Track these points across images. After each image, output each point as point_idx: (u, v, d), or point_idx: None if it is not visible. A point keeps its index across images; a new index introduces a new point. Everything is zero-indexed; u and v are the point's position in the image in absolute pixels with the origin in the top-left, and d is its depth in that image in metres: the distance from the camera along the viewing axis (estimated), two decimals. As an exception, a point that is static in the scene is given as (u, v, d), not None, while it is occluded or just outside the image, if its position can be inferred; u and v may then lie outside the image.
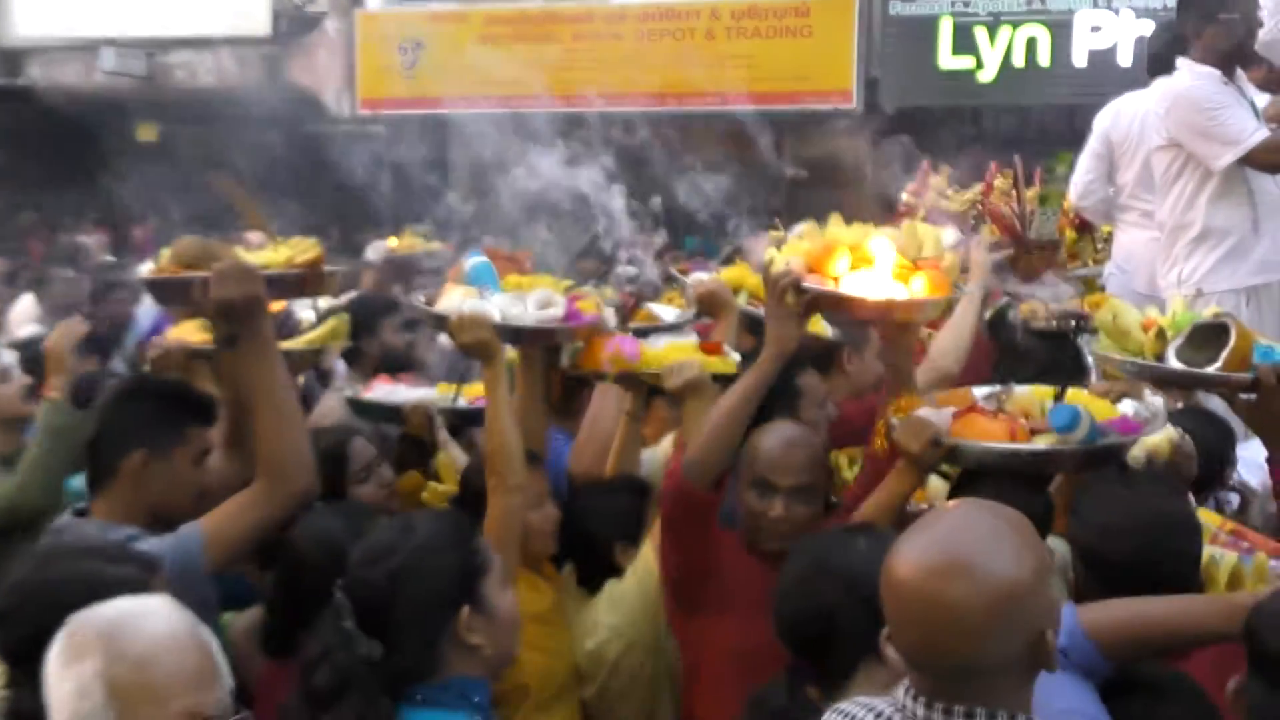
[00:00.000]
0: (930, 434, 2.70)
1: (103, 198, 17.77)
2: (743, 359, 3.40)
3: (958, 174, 5.16)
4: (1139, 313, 2.83)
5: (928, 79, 14.48)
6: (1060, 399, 2.93)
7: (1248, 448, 3.20)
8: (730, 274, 4.24)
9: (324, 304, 4.24)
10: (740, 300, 4.08)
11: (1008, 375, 3.23)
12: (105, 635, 1.65)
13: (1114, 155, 4.90)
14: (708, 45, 14.93)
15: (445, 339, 4.78)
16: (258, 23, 16.74)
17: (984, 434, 2.71)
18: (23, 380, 3.95)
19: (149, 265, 3.07)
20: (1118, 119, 4.90)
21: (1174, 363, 2.64)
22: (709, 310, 3.93)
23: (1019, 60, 14.05)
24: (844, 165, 16.49)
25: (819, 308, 2.88)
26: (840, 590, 2.18)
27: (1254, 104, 4.26)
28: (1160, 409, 2.85)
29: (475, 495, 3.03)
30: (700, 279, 4.25)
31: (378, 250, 6.71)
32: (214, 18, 16.74)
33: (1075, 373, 3.69)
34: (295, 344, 3.51)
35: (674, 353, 3.19)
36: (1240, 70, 4.29)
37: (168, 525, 2.58)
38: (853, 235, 2.87)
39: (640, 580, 2.94)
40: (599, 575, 3.09)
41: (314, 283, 3.09)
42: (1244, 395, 2.53)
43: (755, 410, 2.82)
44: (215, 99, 17.28)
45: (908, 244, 2.89)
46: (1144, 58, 5.07)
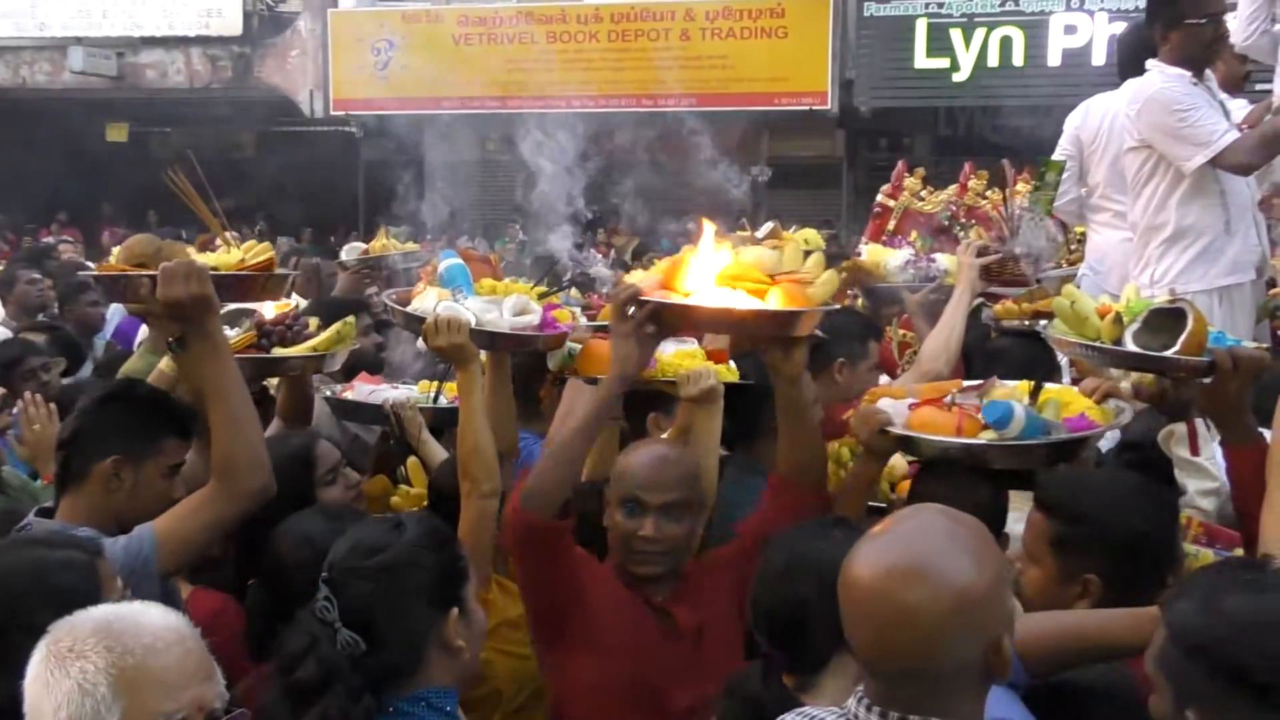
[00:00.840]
0: (876, 422, 2.73)
1: (72, 199, 17.63)
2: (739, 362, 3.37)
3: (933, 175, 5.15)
4: (1095, 300, 2.83)
5: (903, 79, 14.55)
6: (1036, 395, 2.94)
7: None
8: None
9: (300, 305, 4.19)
10: None
11: (983, 374, 3.21)
12: (103, 633, 1.61)
13: (1084, 156, 4.90)
14: (683, 46, 14.94)
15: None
16: (229, 22, 16.64)
17: (929, 426, 2.73)
18: None
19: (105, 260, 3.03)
20: (1087, 119, 4.89)
21: (1131, 347, 2.64)
22: None
23: (993, 60, 14.13)
24: (819, 165, 16.60)
25: (661, 322, 2.71)
26: (815, 582, 2.14)
27: (1224, 105, 4.27)
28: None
29: (445, 499, 2.99)
30: None
31: (353, 251, 6.66)
32: (184, 17, 16.63)
33: (1050, 371, 3.68)
34: (301, 349, 3.44)
35: (685, 360, 3.14)
36: (1209, 71, 4.30)
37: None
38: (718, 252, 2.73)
39: None
40: None
41: (266, 286, 3.05)
42: (1199, 379, 2.53)
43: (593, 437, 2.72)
44: (186, 99, 17.20)
45: (767, 260, 2.73)
46: (1116, 59, 5.07)
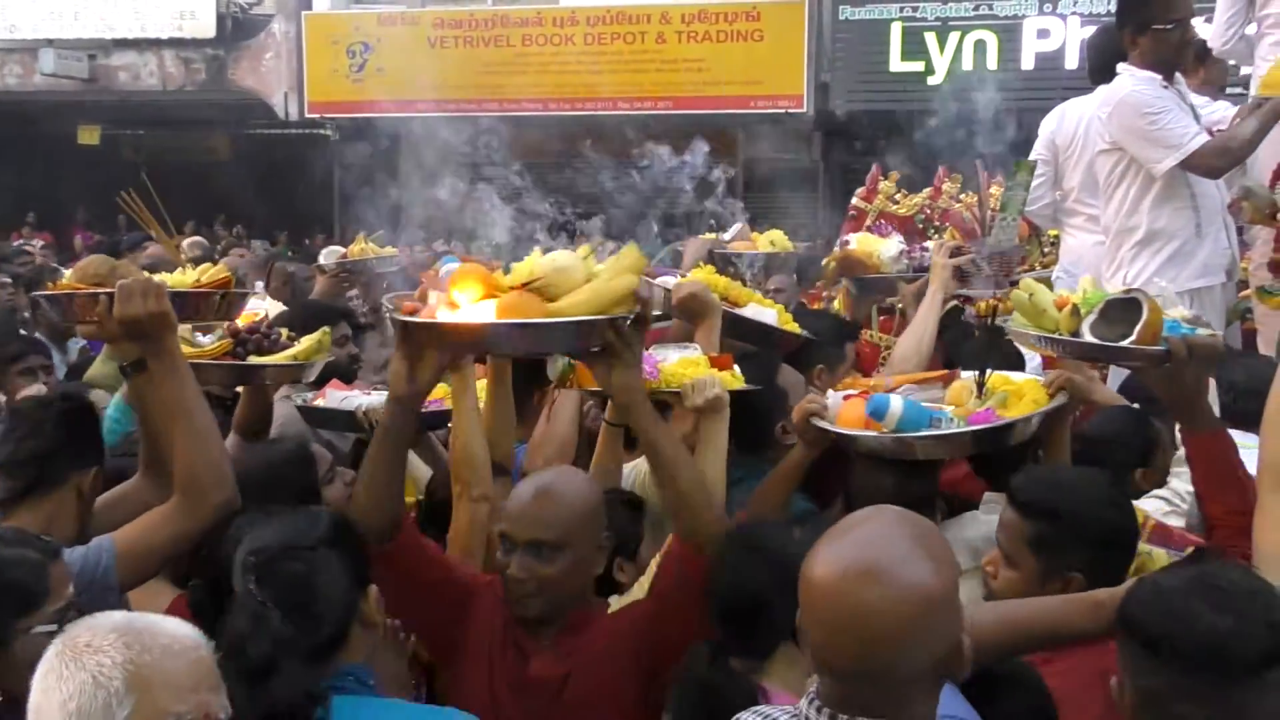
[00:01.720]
0: (807, 410, 2.87)
1: (42, 202, 17.47)
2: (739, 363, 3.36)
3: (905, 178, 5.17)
4: (1053, 292, 2.86)
5: (878, 82, 14.60)
6: (981, 386, 2.98)
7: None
8: (696, 275, 4.15)
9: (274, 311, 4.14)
10: None
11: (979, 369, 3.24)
12: (122, 631, 1.62)
13: (1059, 160, 4.93)
14: (658, 49, 14.94)
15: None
16: (202, 24, 16.52)
17: (844, 419, 2.84)
18: None
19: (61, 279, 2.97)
20: (1062, 123, 4.92)
21: (1089, 338, 2.66)
22: (691, 314, 3.83)
23: (968, 64, 14.20)
24: (794, 168, 16.63)
25: (415, 339, 2.59)
26: (768, 576, 2.26)
27: (1194, 108, 4.31)
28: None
29: (441, 505, 2.95)
30: (667, 282, 4.17)
31: (332, 255, 6.62)
32: (157, 19, 16.50)
33: (1017, 363, 3.70)
34: (279, 359, 3.40)
35: (689, 369, 3.06)
36: (1180, 75, 4.33)
37: None
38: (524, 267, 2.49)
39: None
40: (599, 594, 3.02)
41: (224, 304, 3.00)
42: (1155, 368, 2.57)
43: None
44: (159, 101, 17.08)
45: (560, 269, 2.45)
46: (1088, 62, 5.11)
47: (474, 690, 2.48)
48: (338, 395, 3.85)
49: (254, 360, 3.28)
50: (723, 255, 4.99)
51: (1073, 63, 13.54)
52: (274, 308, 4.37)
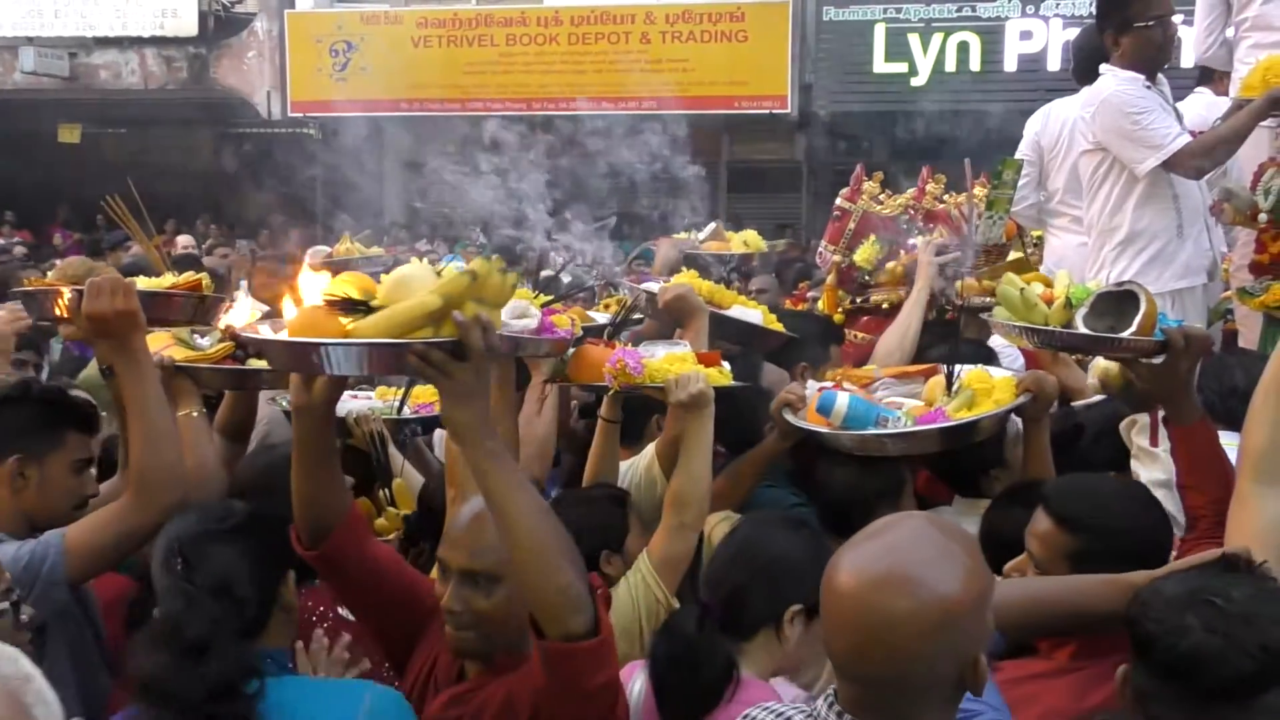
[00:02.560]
0: (784, 400, 2.99)
1: (22, 201, 17.35)
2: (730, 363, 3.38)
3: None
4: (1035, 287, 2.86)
5: (861, 84, 14.64)
6: (950, 382, 3.00)
7: None
8: (680, 279, 4.15)
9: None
10: None
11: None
12: None
13: (1044, 160, 4.95)
14: (643, 49, 14.94)
15: None
16: (184, 23, 16.43)
17: (814, 413, 2.96)
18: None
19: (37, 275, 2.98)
20: (1047, 124, 4.94)
21: (1083, 330, 2.65)
22: (678, 316, 3.83)
23: (951, 65, 14.25)
24: (778, 168, 16.65)
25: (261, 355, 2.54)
26: (756, 572, 2.42)
27: (1176, 109, 4.33)
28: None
29: (436, 513, 2.91)
30: (651, 286, 4.16)
31: (318, 254, 6.60)
32: (139, 18, 16.41)
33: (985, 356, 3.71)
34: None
35: (675, 365, 3.08)
36: (1161, 75, 4.35)
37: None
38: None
39: (633, 593, 2.86)
40: None
41: (199, 307, 3.03)
42: (1149, 360, 2.56)
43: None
44: (140, 100, 16.98)
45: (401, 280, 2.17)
46: (1072, 63, 5.13)
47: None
48: None
49: (255, 365, 3.26)
50: (695, 255, 5.00)
51: (1055, 64, 13.61)
52: (259, 308, 4.34)
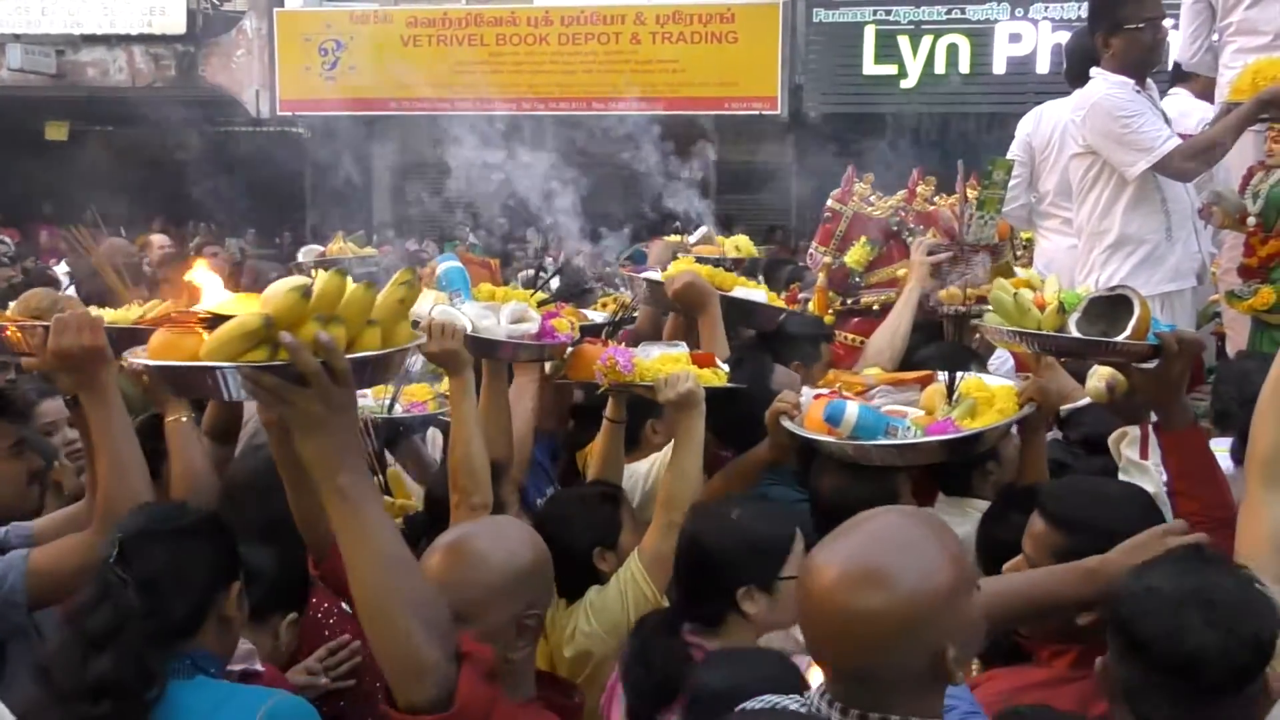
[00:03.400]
0: (780, 409, 2.98)
1: (9, 198, 17.26)
2: (736, 364, 3.37)
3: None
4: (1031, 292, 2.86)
5: (852, 85, 14.66)
6: (951, 390, 2.99)
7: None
8: (679, 266, 4.12)
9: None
10: None
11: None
12: None
13: (1035, 162, 4.96)
14: (633, 49, 14.94)
15: None
16: (172, 20, 16.38)
17: (811, 419, 2.94)
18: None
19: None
20: (1039, 126, 4.95)
21: (1075, 334, 2.64)
22: (689, 304, 3.81)
23: (940, 67, 14.29)
24: (768, 169, 16.66)
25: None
26: (696, 567, 2.52)
27: (1164, 113, 4.34)
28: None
29: (443, 507, 2.90)
30: (652, 275, 4.14)
31: (309, 254, 6.58)
32: (126, 15, 16.34)
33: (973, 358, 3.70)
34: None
35: (667, 364, 3.10)
36: (1150, 80, 4.37)
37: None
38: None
39: (623, 589, 2.87)
40: (580, 584, 3.01)
41: None
42: (1142, 365, 2.56)
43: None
44: (128, 98, 16.90)
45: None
46: (1061, 66, 5.14)
47: None
48: None
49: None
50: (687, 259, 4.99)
51: (1044, 67, 13.65)
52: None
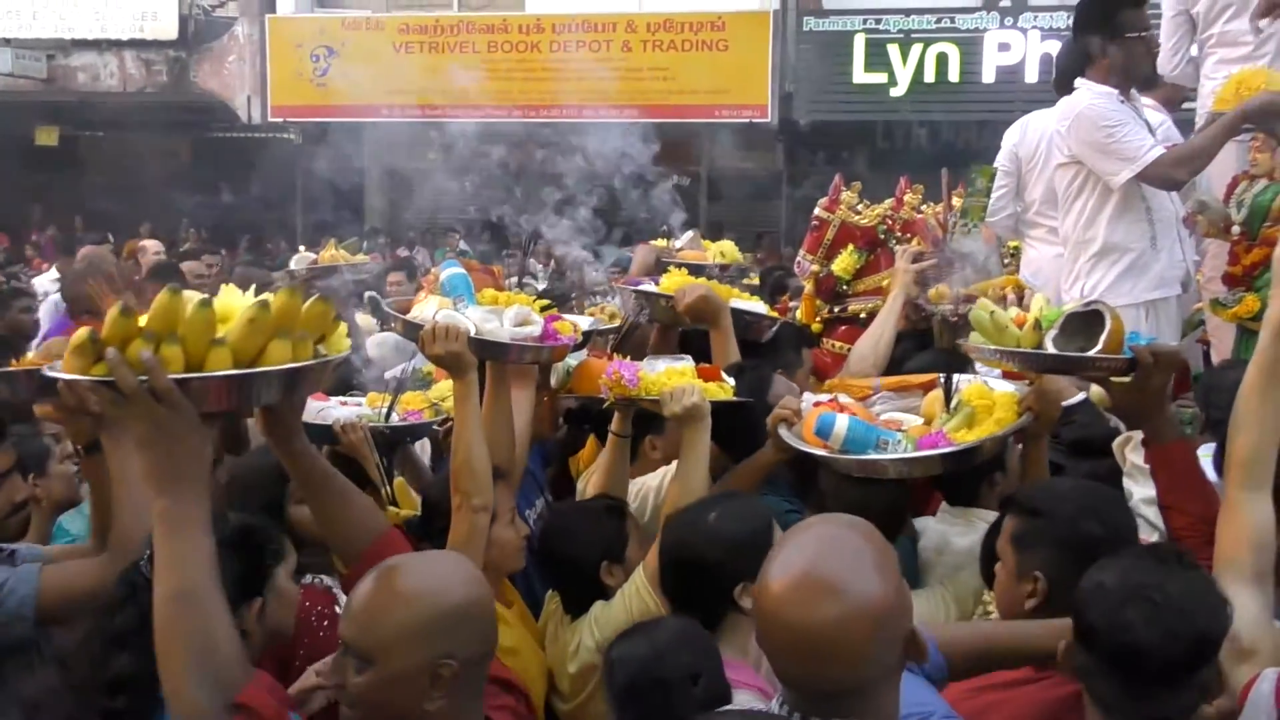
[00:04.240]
0: (779, 417, 3.03)
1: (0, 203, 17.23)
2: (736, 376, 3.38)
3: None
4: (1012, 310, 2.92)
5: (841, 93, 14.71)
6: (949, 397, 3.03)
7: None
8: (670, 281, 4.14)
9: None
10: None
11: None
12: None
13: (1022, 172, 4.99)
14: (624, 57, 14.97)
15: (370, 351, 4.69)
16: (164, 26, 16.35)
17: (809, 427, 2.96)
18: None
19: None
20: (1025, 136, 4.99)
21: (1053, 350, 2.69)
22: (701, 318, 3.82)
23: (930, 76, 14.34)
24: (758, 176, 16.69)
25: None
26: (685, 571, 2.57)
27: (1149, 123, 4.38)
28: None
29: (439, 512, 2.92)
30: (647, 287, 4.16)
31: (303, 261, 6.59)
32: (118, 20, 16.32)
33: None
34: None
35: (673, 378, 3.11)
36: (1135, 91, 4.41)
37: None
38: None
39: (628, 604, 2.87)
40: (585, 599, 3.01)
41: None
42: (1118, 378, 2.60)
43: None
44: (119, 103, 16.89)
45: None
46: (1050, 75, 5.18)
47: None
48: (315, 406, 3.71)
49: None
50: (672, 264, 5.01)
51: (1033, 76, 13.72)
52: None
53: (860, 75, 14.53)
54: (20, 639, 2.44)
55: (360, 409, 3.74)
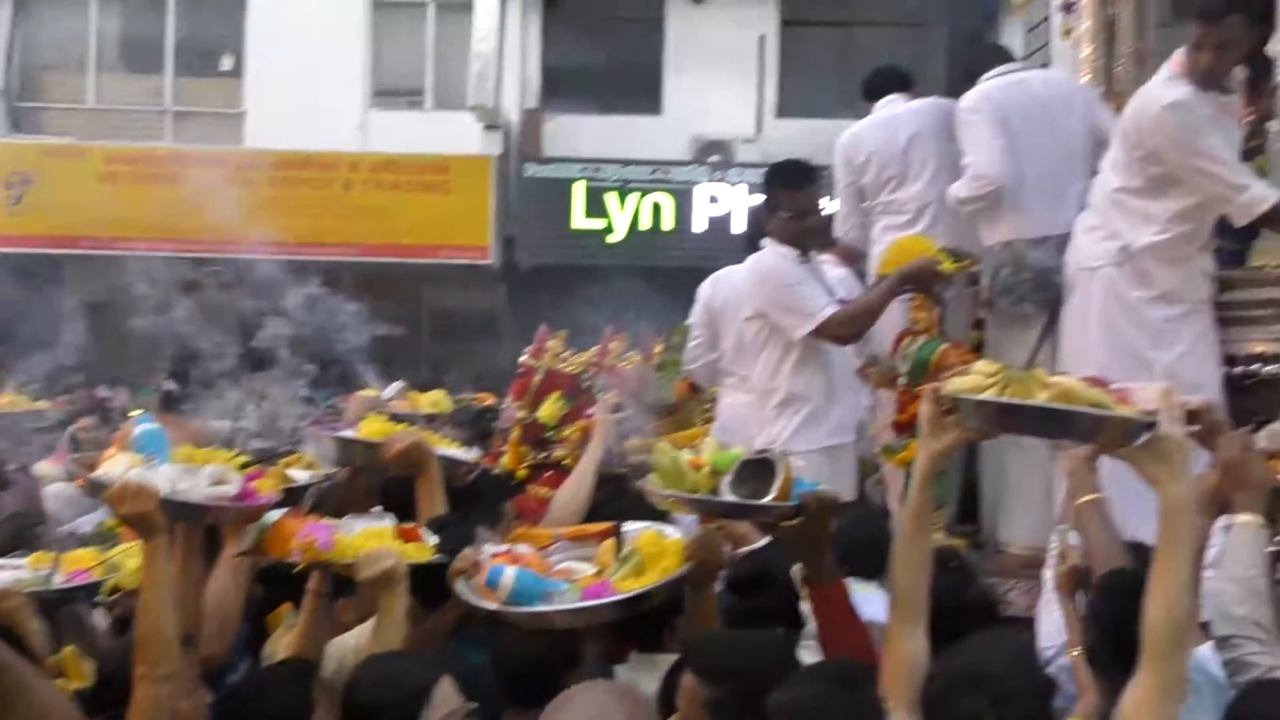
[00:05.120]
0: (454, 572, 3.02)
1: None
2: (440, 530, 3.29)
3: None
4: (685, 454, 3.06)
5: (561, 238, 15.17)
6: (618, 541, 3.12)
7: None
8: (370, 426, 4.06)
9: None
10: None
11: None
12: None
13: (715, 323, 5.29)
14: (345, 195, 14.91)
15: (48, 504, 4.37)
16: None
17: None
18: None
19: None
20: (717, 289, 5.29)
21: (728, 496, 2.84)
22: (409, 466, 3.76)
23: (646, 224, 15.06)
24: (480, 317, 16.81)
25: None
26: (366, 704, 2.65)
27: (827, 283, 4.75)
28: None
29: (115, 684, 2.76)
30: (347, 433, 4.07)
31: (-32, 407, 6.07)
32: None
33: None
34: None
35: (370, 539, 3.01)
36: (815, 252, 4.79)
37: None
38: None
39: None
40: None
41: None
42: (787, 523, 2.79)
43: None
44: None
45: None
46: (747, 231, 5.56)
47: None
48: None
49: None
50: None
51: (739, 227, 14.63)
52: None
53: (580, 221, 15.07)
54: None
55: (19, 573, 3.45)
